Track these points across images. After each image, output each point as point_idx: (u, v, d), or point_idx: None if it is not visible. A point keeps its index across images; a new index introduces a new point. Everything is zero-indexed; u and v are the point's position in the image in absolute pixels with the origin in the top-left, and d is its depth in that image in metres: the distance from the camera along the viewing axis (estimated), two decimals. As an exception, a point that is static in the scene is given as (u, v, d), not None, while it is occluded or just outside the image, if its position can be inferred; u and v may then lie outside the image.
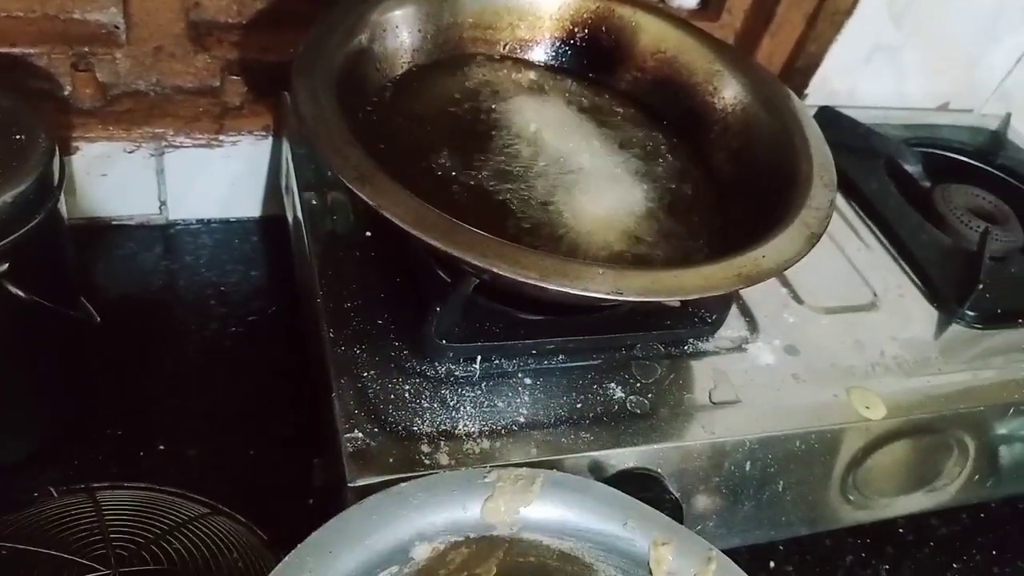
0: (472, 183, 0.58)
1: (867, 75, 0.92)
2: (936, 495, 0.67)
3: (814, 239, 0.53)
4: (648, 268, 0.54)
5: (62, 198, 0.50)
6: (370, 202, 0.44)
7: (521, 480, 0.45)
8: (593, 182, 0.60)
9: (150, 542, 0.48)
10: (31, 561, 0.46)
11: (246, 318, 0.69)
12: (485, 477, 0.45)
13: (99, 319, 0.58)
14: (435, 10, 0.64)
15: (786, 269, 0.51)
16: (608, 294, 0.44)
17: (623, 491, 0.48)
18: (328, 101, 0.50)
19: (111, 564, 0.47)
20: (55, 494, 0.52)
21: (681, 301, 0.60)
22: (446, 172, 0.58)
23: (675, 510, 0.52)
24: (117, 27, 0.65)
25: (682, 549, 0.44)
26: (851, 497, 0.62)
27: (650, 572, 0.44)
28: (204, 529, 0.51)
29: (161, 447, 0.60)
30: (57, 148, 0.48)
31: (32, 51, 0.63)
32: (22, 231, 0.45)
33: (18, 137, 0.47)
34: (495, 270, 0.43)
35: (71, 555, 0.46)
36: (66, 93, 0.65)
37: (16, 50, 0.62)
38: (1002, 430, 0.66)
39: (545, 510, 0.45)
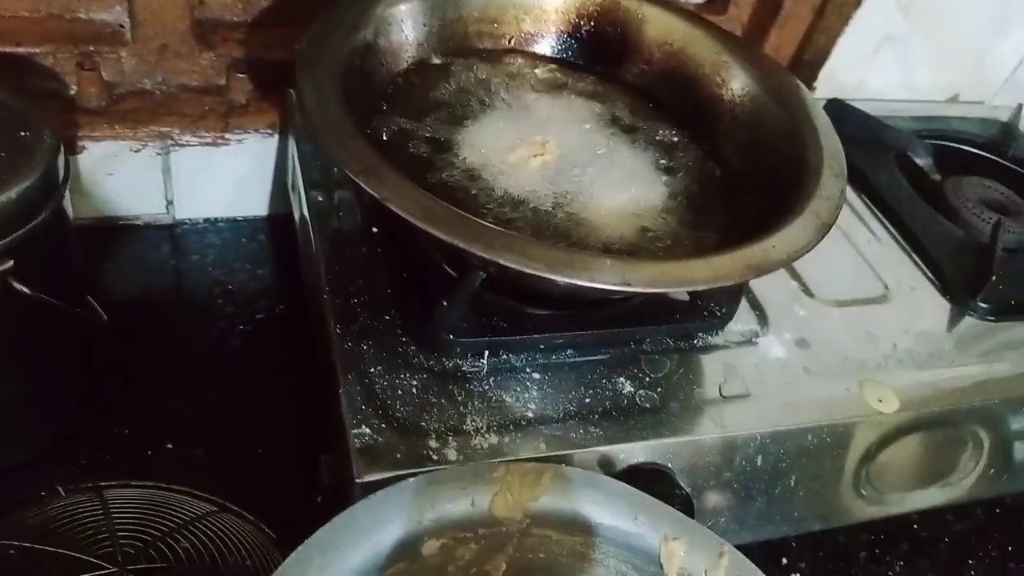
0: (482, 178, 0.57)
1: (875, 67, 0.92)
2: (950, 490, 0.66)
3: (825, 229, 0.52)
4: (657, 259, 0.54)
5: (67, 196, 0.50)
6: (375, 194, 0.44)
7: (529, 474, 0.45)
8: (603, 176, 0.60)
9: (157, 540, 0.48)
10: (38, 559, 0.46)
11: (253, 317, 0.69)
12: (493, 472, 0.44)
13: (106, 318, 0.58)
14: (439, 4, 0.63)
15: (796, 259, 0.50)
16: (616, 285, 0.44)
17: (633, 486, 0.47)
18: (332, 95, 0.50)
19: (118, 562, 0.46)
20: (62, 493, 0.52)
21: (690, 294, 0.59)
22: (453, 167, 0.57)
23: (686, 505, 0.51)
24: (122, 26, 0.65)
25: (694, 544, 0.44)
26: (864, 492, 0.61)
27: (661, 568, 0.44)
28: (211, 527, 0.51)
29: (169, 446, 0.59)
30: (62, 145, 0.48)
31: (37, 50, 0.63)
32: (27, 228, 0.45)
33: (23, 135, 0.47)
34: (501, 261, 0.43)
35: (78, 553, 0.46)
36: (72, 92, 0.65)
37: (21, 50, 0.62)
38: (1017, 424, 0.66)
39: (554, 505, 0.44)
